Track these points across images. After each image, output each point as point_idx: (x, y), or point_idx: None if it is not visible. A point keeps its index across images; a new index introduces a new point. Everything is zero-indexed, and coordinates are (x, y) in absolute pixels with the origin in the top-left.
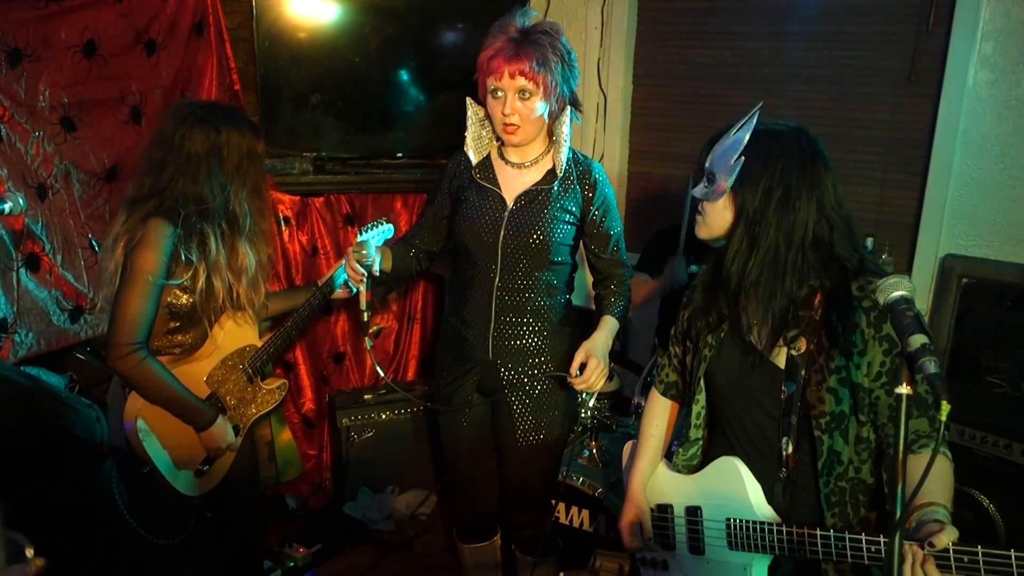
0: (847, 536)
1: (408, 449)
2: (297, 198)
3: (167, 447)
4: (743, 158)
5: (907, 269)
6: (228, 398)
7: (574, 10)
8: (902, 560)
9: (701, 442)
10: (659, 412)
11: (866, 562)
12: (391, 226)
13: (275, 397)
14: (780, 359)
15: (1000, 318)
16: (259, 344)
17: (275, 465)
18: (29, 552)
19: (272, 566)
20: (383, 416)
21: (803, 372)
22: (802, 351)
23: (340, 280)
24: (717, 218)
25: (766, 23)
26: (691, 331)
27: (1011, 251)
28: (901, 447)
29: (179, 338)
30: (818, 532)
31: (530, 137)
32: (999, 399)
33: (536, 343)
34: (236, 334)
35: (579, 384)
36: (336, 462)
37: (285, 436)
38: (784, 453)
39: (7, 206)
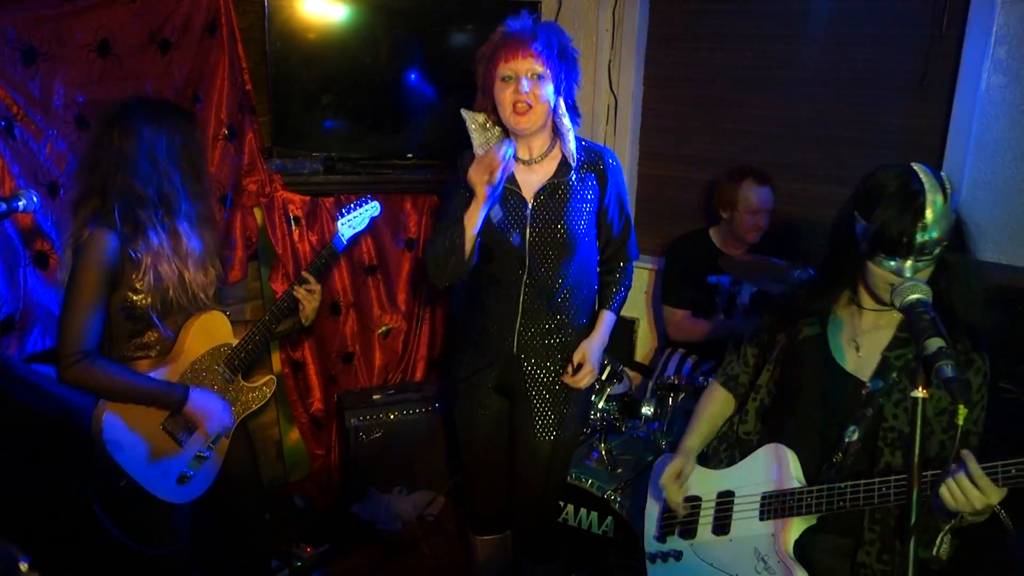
0: (887, 480)
1: (416, 449)
2: (307, 198)
3: (141, 455)
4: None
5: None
6: None
7: (585, 12)
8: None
9: (749, 437)
10: (719, 400)
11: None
12: (376, 204)
13: (262, 394)
14: (866, 368)
15: (1012, 323)
16: (234, 343)
17: (283, 464)
18: (23, 567)
19: (279, 565)
20: (391, 416)
21: (894, 375)
22: (899, 361)
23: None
24: None
25: (778, 26)
26: (773, 339)
27: (1023, 256)
28: (916, 452)
29: (145, 340)
30: (848, 484)
31: (539, 123)
32: (1011, 405)
33: (560, 339)
34: (206, 334)
35: (570, 383)
36: (344, 462)
37: (293, 436)
38: (847, 440)
39: (21, 203)
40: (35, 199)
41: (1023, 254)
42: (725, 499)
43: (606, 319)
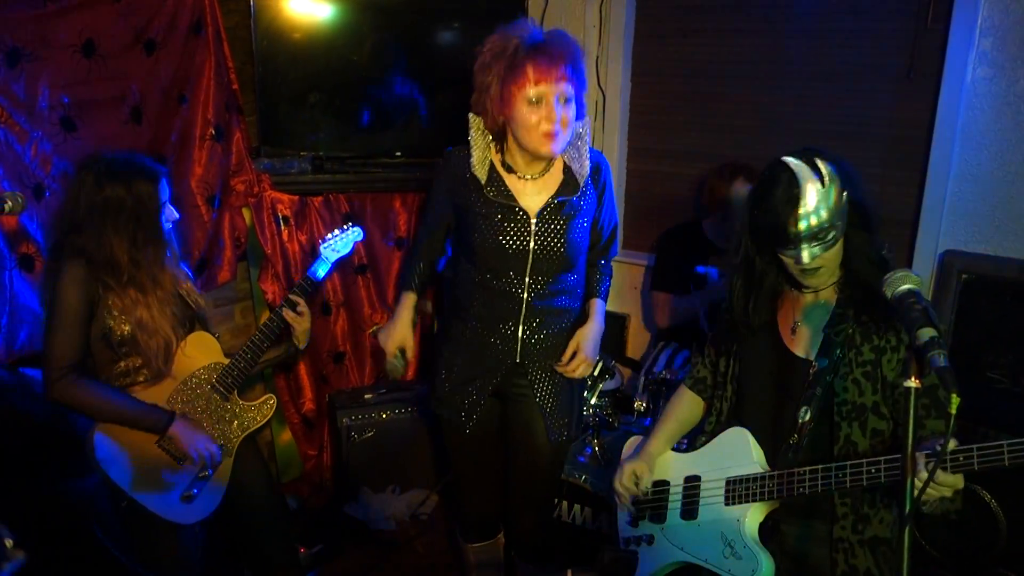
0: (843, 464)
1: (409, 449)
2: (296, 197)
3: (138, 474)
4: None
5: (907, 265)
6: (203, 420)
7: (572, 8)
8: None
9: (713, 426)
10: (686, 402)
11: (848, 487)
12: (358, 229)
13: (262, 414)
14: (801, 344)
15: (1000, 314)
16: (225, 362)
17: (275, 465)
18: (8, 543)
19: None
20: (383, 416)
21: (837, 351)
22: (839, 336)
23: (324, 269)
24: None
25: (765, 20)
26: (729, 339)
27: (1011, 247)
28: (910, 441)
29: (128, 366)
30: (807, 469)
31: (564, 146)
32: (1000, 395)
33: (563, 341)
34: (196, 354)
35: (563, 371)
36: (336, 462)
37: (285, 436)
38: (800, 421)
39: (7, 205)
40: (20, 200)
41: (1010, 245)
42: (692, 484)
43: (598, 307)
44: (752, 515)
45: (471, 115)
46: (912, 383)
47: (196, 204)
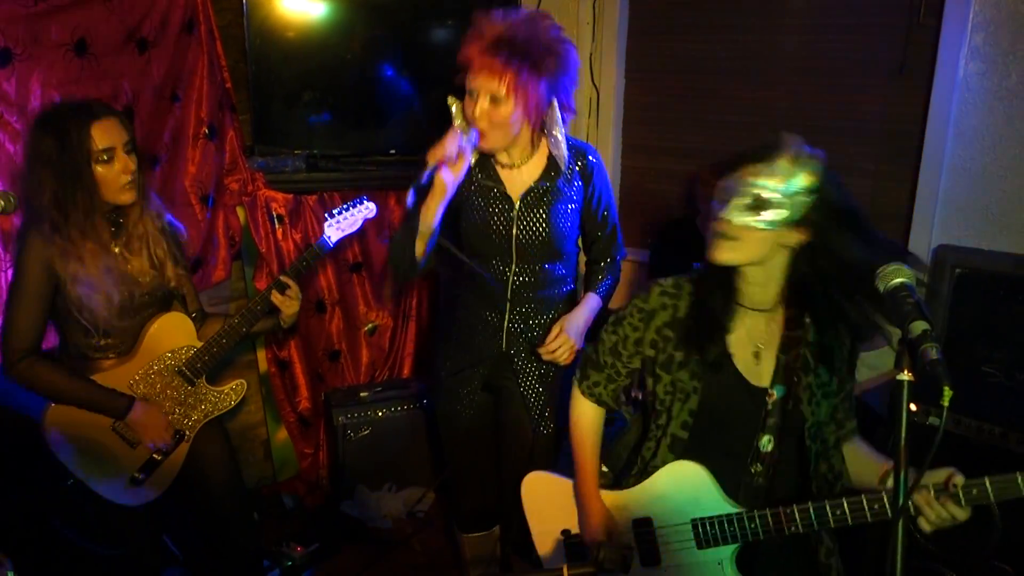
0: (828, 503)
1: (405, 446)
2: (290, 196)
3: (87, 456)
4: None
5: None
6: (164, 402)
7: (565, 5)
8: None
9: (646, 457)
10: (594, 419)
11: (850, 523)
12: (372, 205)
13: (227, 400)
14: (765, 375)
15: (994, 308)
16: (198, 344)
17: (271, 464)
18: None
19: (270, 565)
20: (379, 413)
21: (795, 377)
22: (797, 363)
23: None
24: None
25: (758, 16)
26: (668, 362)
27: (1004, 241)
28: (903, 434)
29: (103, 342)
30: (795, 508)
31: (500, 144)
32: (994, 388)
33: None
34: (165, 336)
35: (544, 355)
36: (332, 460)
37: (281, 435)
38: (763, 450)
39: (0, 205)
40: (13, 201)
41: (1003, 239)
42: (644, 527)
43: (590, 300)
44: (732, 556)
45: (449, 98)
46: (905, 376)
47: (190, 203)
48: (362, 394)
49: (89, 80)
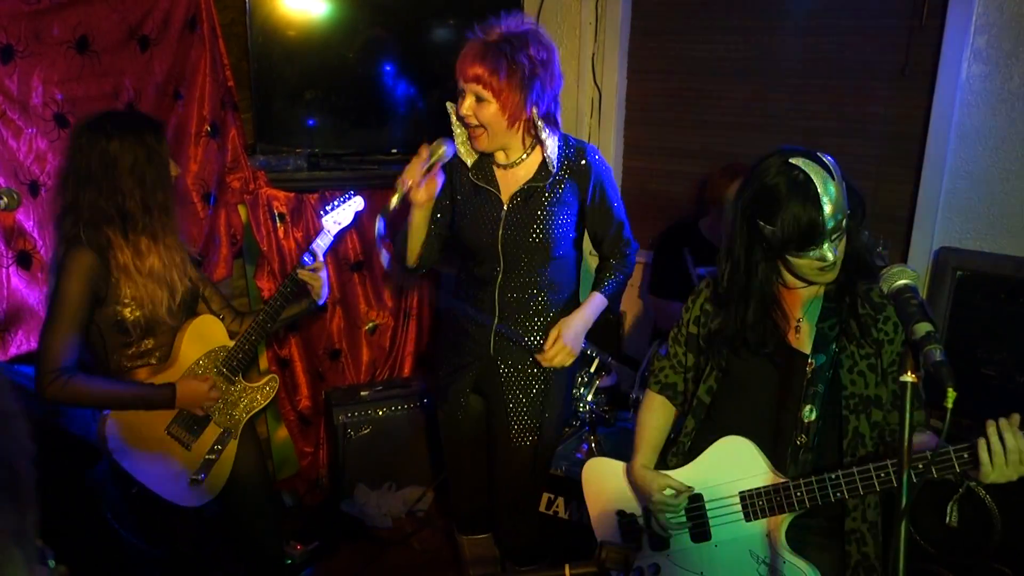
0: (871, 467)
1: (405, 445)
2: (292, 195)
3: (148, 461)
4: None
5: (902, 262)
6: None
7: (568, 6)
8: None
9: (692, 435)
10: (660, 409)
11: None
12: (360, 198)
13: (265, 394)
14: (806, 342)
15: (995, 310)
16: (231, 344)
17: (271, 462)
18: (51, 563)
19: None
20: (379, 412)
21: (833, 346)
22: (833, 331)
23: (327, 242)
24: None
25: (760, 17)
26: (713, 344)
27: (1005, 244)
28: (907, 435)
29: (142, 349)
30: (840, 473)
31: (494, 144)
32: (995, 391)
33: (538, 342)
34: (200, 339)
35: (542, 360)
36: (332, 459)
37: (281, 433)
38: (806, 420)
39: (3, 201)
40: (16, 196)
41: (1004, 241)
42: (694, 503)
43: (594, 299)
44: (781, 528)
45: (448, 103)
46: (909, 377)
47: (192, 201)
48: (362, 393)
49: (90, 77)
